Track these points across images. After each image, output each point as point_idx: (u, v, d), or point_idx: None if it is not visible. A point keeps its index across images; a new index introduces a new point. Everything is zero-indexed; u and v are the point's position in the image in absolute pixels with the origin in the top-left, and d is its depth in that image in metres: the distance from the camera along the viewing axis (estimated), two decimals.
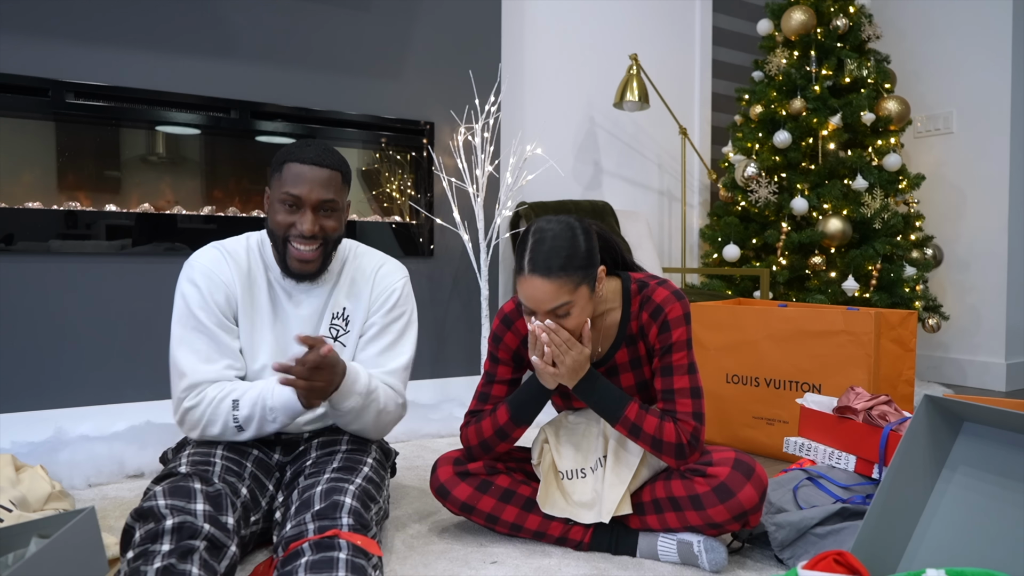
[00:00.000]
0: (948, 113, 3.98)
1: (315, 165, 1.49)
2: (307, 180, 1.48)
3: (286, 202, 1.50)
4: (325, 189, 1.49)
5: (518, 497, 1.59)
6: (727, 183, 3.83)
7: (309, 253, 1.52)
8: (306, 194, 1.48)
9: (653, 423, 1.46)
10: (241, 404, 1.47)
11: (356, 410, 1.52)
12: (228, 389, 1.49)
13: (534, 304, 1.41)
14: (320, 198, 1.49)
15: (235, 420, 1.48)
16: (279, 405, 1.46)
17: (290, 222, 1.50)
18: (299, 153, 1.50)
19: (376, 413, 1.56)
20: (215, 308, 1.53)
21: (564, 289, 1.39)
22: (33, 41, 2.36)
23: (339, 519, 1.30)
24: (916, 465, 1.24)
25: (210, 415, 1.48)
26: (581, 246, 1.42)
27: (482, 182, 3.04)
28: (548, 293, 1.39)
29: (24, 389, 2.35)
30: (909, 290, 3.49)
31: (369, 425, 1.58)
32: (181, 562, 1.18)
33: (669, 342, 1.50)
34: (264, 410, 1.47)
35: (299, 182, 1.48)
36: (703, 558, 1.47)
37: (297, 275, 1.55)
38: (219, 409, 1.48)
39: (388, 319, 1.65)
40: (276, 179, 1.53)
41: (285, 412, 1.47)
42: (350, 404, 1.51)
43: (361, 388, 1.51)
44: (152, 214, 2.55)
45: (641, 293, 1.55)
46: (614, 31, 3.87)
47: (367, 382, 1.53)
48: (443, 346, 3.11)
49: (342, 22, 2.88)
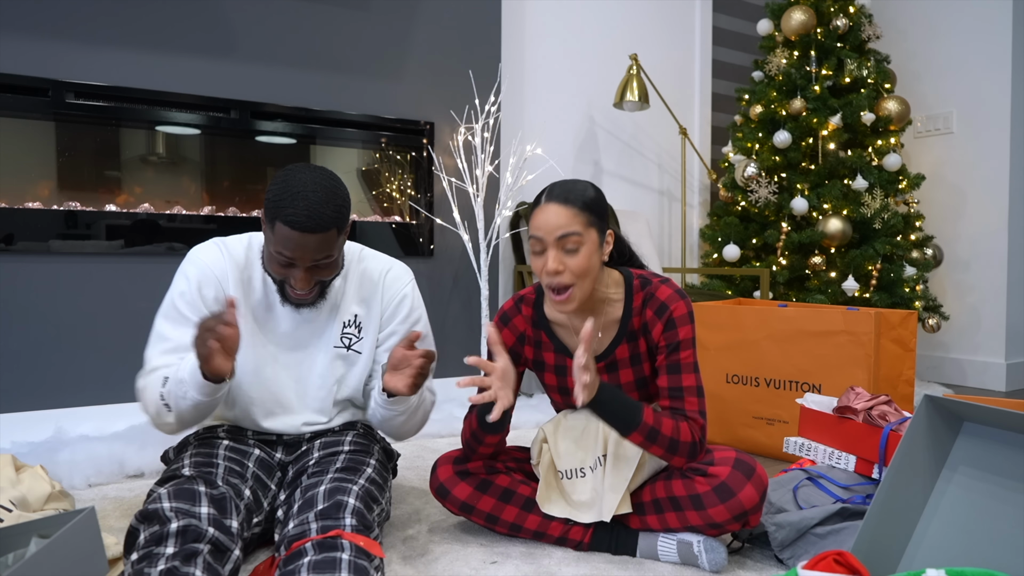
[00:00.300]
0: (948, 113, 3.98)
1: (306, 232, 1.37)
2: (299, 246, 1.39)
3: (278, 260, 1.43)
4: (317, 251, 1.41)
5: (518, 497, 1.58)
6: (727, 183, 3.83)
7: (304, 295, 1.49)
8: (299, 258, 1.41)
9: (669, 424, 1.45)
10: (169, 380, 1.42)
11: (412, 408, 1.58)
12: (171, 368, 1.44)
13: (546, 230, 1.42)
14: (313, 259, 1.42)
15: (162, 398, 1.42)
16: (187, 375, 1.38)
17: (285, 275, 1.46)
18: (291, 214, 1.37)
19: (423, 412, 1.65)
20: (200, 303, 1.52)
21: (578, 220, 1.43)
22: (33, 41, 2.36)
23: (342, 519, 1.30)
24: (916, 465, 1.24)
25: (148, 392, 1.45)
26: (597, 198, 1.48)
27: (482, 182, 3.05)
28: (563, 217, 1.42)
29: (24, 389, 2.35)
30: (909, 290, 3.49)
31: (416, 424, 1.65)
32: (185, 565, 1.18)
33: (676, 340, 1.50)
34: (175, 382, 1.40)
35: (290, 246, 1.39)
36: (703, 558, 1.47)
37: (295, 304, 1.52)
38: (153, 386, 1.44)
39: (406, 325, 1.67)
40: (268, 230, 1.43)
41: (194, 383, 1.38)
42: (410, 402, 1.57)
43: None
44: (152, 214, 2.55)
45: (644, 289, 1.55)
46: (614, 31, 3.87)
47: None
48: (443, 346, 3.10)
49: (342, 22, 2.88)
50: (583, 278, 1.44)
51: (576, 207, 1.43)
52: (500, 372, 1.45)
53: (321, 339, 1.60)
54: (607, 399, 1.43)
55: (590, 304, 1.56)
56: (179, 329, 1.50)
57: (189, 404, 1.40)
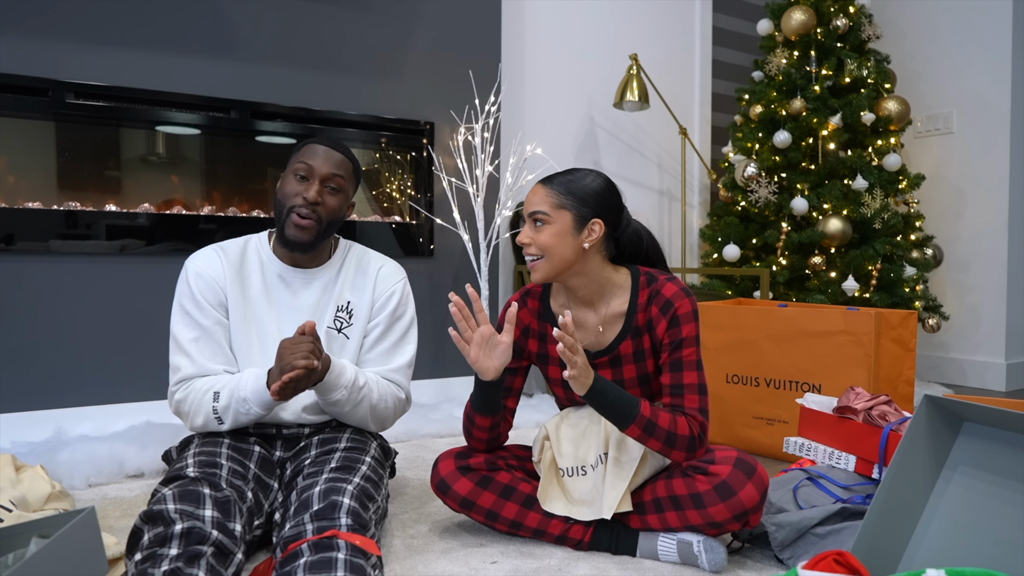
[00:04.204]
0: (948, 113, 3.98)
1: (330, 148, 1.63)
2: (320, 155, 1.61)
3: (299, 172, 1.60)
4: (335, 166, 1.61)
5: (518, 494, 1.59)
6: (727, 183, 3.83)
7: (306, 221, 1.59)
8: (318, 165, 1.60)
9: (666, 418, 1.46)
10: (220, 396, 1.54)
11: (343, 402, 1.58)
12: (212, 382, 1.56)
13: (526, 205, 1.56)
14: (330, 171, 1.60)
15: (215, 412, 1.54)
16: (251, 395, 1.51)
17: (298, 191, 1.59)
18: (318, 139, 1.65)
19: (370, 407, 1.62)
20: (207, 306, 1.60)
21: (549, 201, 1.52)
22: (33, 41, 2.36)
23: (337, 519, 1.31)
24: (916, 465, 1.24)
25: (195, 407, 1.55)
26: (590, 187, 1.54)
27: (482, 182, 3.05)
28: (537, 195, 1.53)
29: (24, 389, 2.35)
30: (909, 290, 3.49)
31: (366, 418, 1.64)
32: (188, 566, 1.19)
33: (680, 337, 1.51)
34: (237, 401, 1.52)
35: (313, 156, 1.61)
36: (703, 558, 1.47)
37: (291, 243, 1.61)
38: (202, 401, 1.54)
39: (391, 320, 1.71)
40: (294, 157, 1.64)
41: (258, 402, 1.51)
42: (336, 396, 1.57)
43: (347, 382, 1.57)
44: (152, 214, 2.55)
45: (650, 286, 1.56)
46: (614, 31, 3.87)
47: (353, 376, 1.58)
48: (443, 346, 3.10)
49: (342, 22, 2.88)
50: (548, 253, 1.51)
51: (552, 189, 1.53)
52: (488, 337, 1.50)
53: (317, 319, 1.67)
54: (603, 390, 1.44)
55: (592, 297, 1.58)
56: (194, 334, 1.59)
57: (251, 418, 1.55)
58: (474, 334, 1.50)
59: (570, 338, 1.37)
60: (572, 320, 1.58)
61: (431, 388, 3.05)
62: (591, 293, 1.57)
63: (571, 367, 1.39)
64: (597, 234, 1.53)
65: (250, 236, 1.72)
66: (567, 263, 1.52)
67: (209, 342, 1.59)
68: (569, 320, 1.39)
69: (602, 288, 1.57)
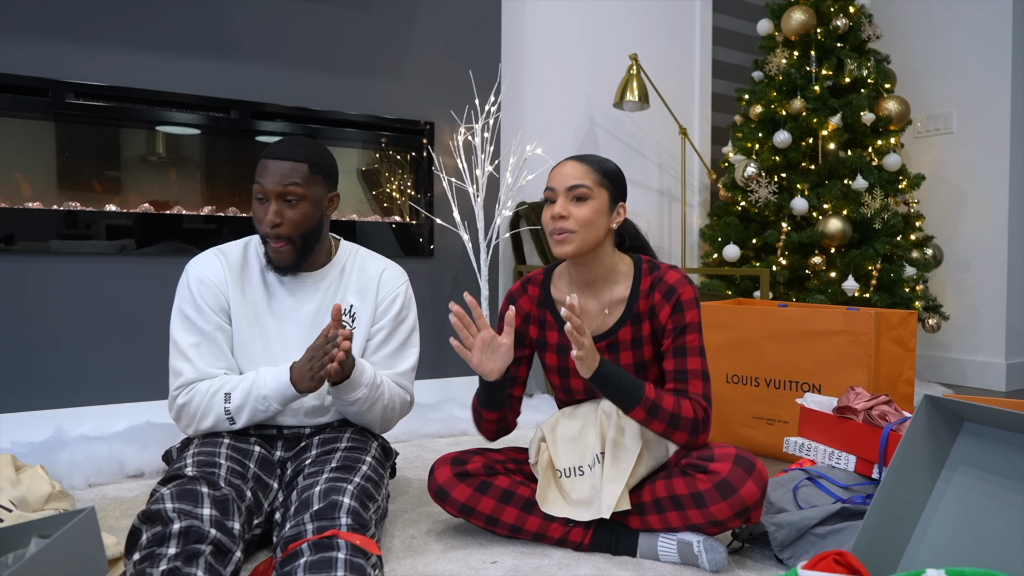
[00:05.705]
0: (948, 113, 3.98)
1: (277, 159, 1.55)
2: (269, 171, 1.55)
3: (256, 194, 1.57)
4: (285, 176, 1.54)
5: (518, 498, 1.58)
6: (727, 183, 3.83)
7: (277, 244, 1.57)
8: (269, 185, 1.54)
9: (670, 400, 1.48)
10: (233, 396, 1.54)
11: (362, 401, 1.59)
12: (220, 383, 1.56)
13: (559, 180, 1.52)
14: (280, 186, 1.54)
15: (227, 412, 1.54)
16: (271, 392, 1.52)
17: (260, 216, 1.56)
18: (269, 149, 1.58)
19: (382, 408, 1.64)
20: (209, 312, 1.60)
21: (590, 177, 1.52)
22: (33, 41, 2.36)
23: (337, 519, 1.31)
24: (916, 465, 1.24)
25: (203, 409, 1.54)
26: (616, 172, 1.57)
27: (482, 182, 3.05)
28: (576, 170, 1.52)
29: (24, 389, 2.35)
30: (909, 290, 3.49)
31: (377, 418, 1.65)
32: (186, 565, 1.19)
33: (683, 323, 1.53)
34: (256, 399, 1.52)
35: (263, 173, 1.55)
36: (703, 558, 1.47)
37: (276, 268, 1.61)
38: (212, 402, 1.55)
39: (395, 324, 1.72)
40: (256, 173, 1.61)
41: (279, 398, 1.52)
42: (357, 395, 1.57)
43: (367, 380, 1.58)
44: (152, 214, 2.55)
45: (652, 273, 1.58)
46: (614, 31, 3.87)
47: (372, 374, 1.60)
48: (443, 346, 3.10)
49: (342, 22, 2.88)
50: (585, 228, 1.50)
51: (592, 167, 1.53)
52: (489, 341, 1.50)
53: (314, 326, 1.66)
54: (609, 373, 1.45)
55: (596, 281, 1.59)
56: (195, 338, 1.59)
57: (269, 414, 1.56)
58: (475, 340, 1.50)
59: (577, 319, 1.37)
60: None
61: (431, 388, 3.05)
62: (597, 277, 1.58)
63: (578, 348, 1.40)
64: (622, 216, 1.57)
65: (249, 238, 1.71)
66: (597, 241, 1.54)
67: (210, 347, 1.59)
68: (575, 301, 1.38)
69: (608, 273, 1.59)
